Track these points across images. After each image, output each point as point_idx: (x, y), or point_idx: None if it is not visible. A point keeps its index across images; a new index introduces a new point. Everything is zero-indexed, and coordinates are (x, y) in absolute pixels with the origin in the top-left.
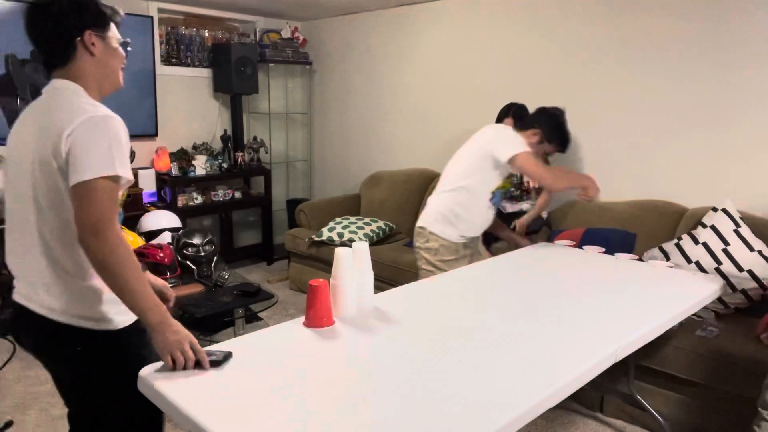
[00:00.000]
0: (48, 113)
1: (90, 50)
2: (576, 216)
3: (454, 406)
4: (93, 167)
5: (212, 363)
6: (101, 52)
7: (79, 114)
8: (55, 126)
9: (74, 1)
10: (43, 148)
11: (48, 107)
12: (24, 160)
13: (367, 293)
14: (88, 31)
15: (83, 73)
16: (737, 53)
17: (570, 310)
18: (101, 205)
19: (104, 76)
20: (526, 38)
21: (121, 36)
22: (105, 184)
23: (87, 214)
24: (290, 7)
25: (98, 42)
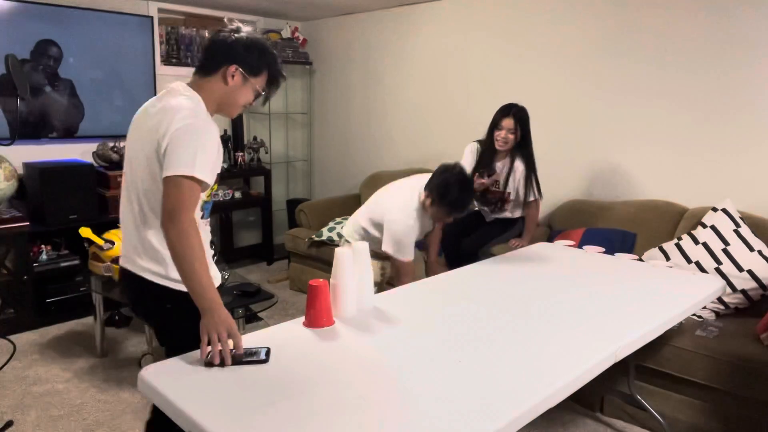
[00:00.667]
0: (165, 111)
1: (226, 79)
2: (576, 216)
3: (454, 406)
4: (178, 166)
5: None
6: (234, 86)
7: (184, 119)
8: (161, 125)
9: (251, 41)
10: (151, 142)
11: (167, 106)
12: (138, 148)
13: (367, 293)
14: (236, 66)
15: (212, 90)
16: (738, 53)
17: (570, 310)
18: (179, 197)
19: (224, 103)
20: (526, 38)
21: None
22: (184, 182)
23: (167, 203)
24: (290, 7)
25: (238, 78)
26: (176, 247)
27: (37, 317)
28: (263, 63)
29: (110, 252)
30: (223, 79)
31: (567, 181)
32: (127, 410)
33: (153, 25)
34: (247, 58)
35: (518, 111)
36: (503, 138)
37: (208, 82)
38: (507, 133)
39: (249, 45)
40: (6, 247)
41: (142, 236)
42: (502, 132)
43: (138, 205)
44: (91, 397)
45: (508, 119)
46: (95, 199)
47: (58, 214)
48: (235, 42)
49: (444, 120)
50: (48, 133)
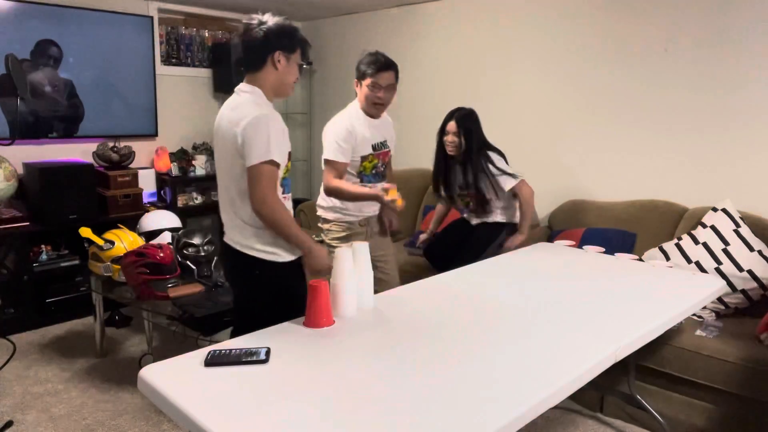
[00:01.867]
0: (235, 109)
1: (275, 65)
2: (576, 216)
3: (454, 406)
4: (257, 155)
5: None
6: (283, 68)
7: (250, 113)
8: (234, 121)
9: (279, 27)
10: (230, 136)
11: (235, 105)
12: (222, 143)
13: (367, 293)
14: (278, 52)
15: (266, 80)
16: (738, 53)
17: (570, 310)
18: (264, 184)
19: (279, 86)
20: (526, 38)
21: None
22: (265, 168)
23: (255, 192)
24: (290, 7)
25: (283, 60)
26: (272, 222)
27: (37, 317)
28: (295, 40)
29: (110, 252)
30: (273, 66)
31: (567, 181)
32: (127, 410)
33: (153, 25)
34: (283, 42)
35: (460, 114)
36: (450, 142)
37: (261, 74)
38: (452, 137)
39: (280, 30)
40: (6, 247)
41: (234, 216)
42: (448, 136)
43: (226, 191)
44: (91, 397)
45: (451, 123)
46: (95, 199)
47: (58, 214)
48: (268, 32)
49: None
50: (48, 133)
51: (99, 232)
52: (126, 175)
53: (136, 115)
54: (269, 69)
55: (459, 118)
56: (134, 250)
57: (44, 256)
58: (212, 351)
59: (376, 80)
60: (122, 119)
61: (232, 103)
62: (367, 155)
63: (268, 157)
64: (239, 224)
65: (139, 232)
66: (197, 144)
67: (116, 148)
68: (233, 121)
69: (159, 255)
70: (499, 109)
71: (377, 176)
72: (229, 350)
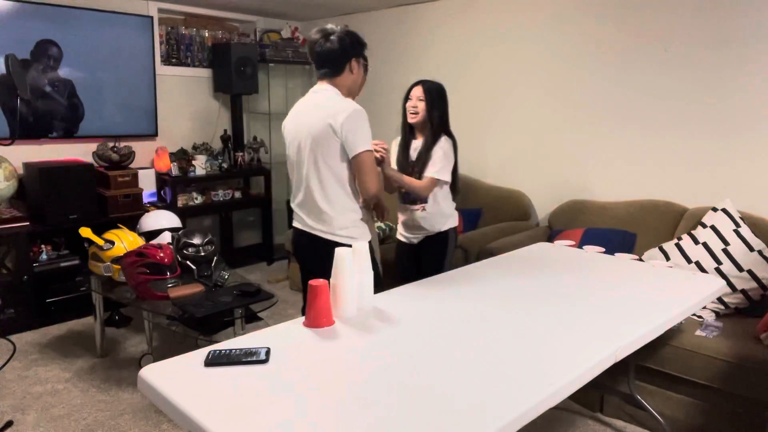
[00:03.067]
0: (324, 105)
1: (351, 70)
2: (576, 216)
3: (454, 406)
4: (361, 145)
5: (254, 361)
6: (357, 72)
7: (347, 106)
8: (329, 114)
9: (351, 36)
10: (321, 129)
11: (322, 100)
12: (302, 137)
13: (367, 293)
14: (353, 58)
15: (343, 84)
16: (738, 53)
17: (570, 310)
18: (370, 171)
19: (353, 87)
20: (526, 38)
21: None
22: (368, 155)
23: (364, 180)
24: (290, 7)
25: (356, 65)
26: (377, 197)
27: (37, 317)
28: (363, 45)
29: (110, 252)
30: (349, 71)
31: (567, 181)
32: (127, 410)
33: (153, 25)
34: (357, 49)
35: (429, 83)
36: (413, 107)
37: (338, 78)
38: (416, 101)
39: (353, 39)
40: (6, 247)
41: (314, 203)
42: (411, 101)
43: (306, 181)
44: (91, 397)
45: (417, 87)
46: (95, 199)
47: (58, 214)
48: (344, 42)
49: None
50: (48, 133)
51: (99, 232)
52: (126, 175)
53: (136, 115)
54: (346, 74)
55: (427, 86)
56: (134, 250)
57: (44, 256)
58: (212, 351)
59: None
60: (122, 119)
61: (316, 100)
62: None
63: (369, 146)
64: (318, 212)
65: (139, 232)
66: (197, 144)
67: (116, 148)
68: (328, 114)
69: (159, 255)
70: (498, 109)
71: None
72: (229, 350)
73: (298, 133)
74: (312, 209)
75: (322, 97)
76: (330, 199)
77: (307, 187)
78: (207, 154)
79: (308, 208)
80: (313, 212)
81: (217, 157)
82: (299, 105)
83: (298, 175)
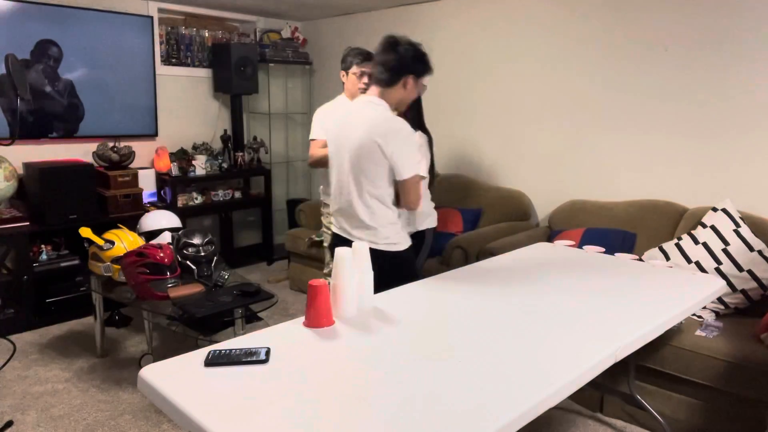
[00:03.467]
0: (370, 123)
1: (404, 86)
2: (576, 216)
3: (454, 406)
4: (410, 169)
5: (254, 361)
6: (410, 89)
7: (396, 129)
8: (376, 131)
9: (415, 52)
10: (367, 143)
11: (366, 115)
12: (347, 146)
13: (367, 293)
14: (412, 76)
15: (393, 97)
16: (737, 53)
17: (570, 310)
18: (415, 193)
19: (401, 102)
20: (526, 38)
21: None
22: (416, 179)
23: (409, 200)
24: (290, 7)
25: (411, 83)
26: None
27: (37, 317)
28: (427, 68)
29: (110, 252)
30: (403, 86)
31: (567, 181)
32: (127, 410)
33: (153, 25)
34: (417, 68)
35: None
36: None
37: (391, 91)
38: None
39: (417, 56)
40: (6, 247)
41: (355, 214)
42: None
43: (347, 192)
44: (91, 397)
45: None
46: (95, 199)
47: (58, 214)
48: (405, 57)
49: (444, 119)
50: (48, 133)
51: (99, 232)
52: (126, 175)
53: (136, 115)
54: (398, 88)
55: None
56: (134, 250)
57: (44, 256)
58: (212, 351)
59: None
60: (122, 119)
61: (366, 113)
62: None
63: (418, 171)
64: (358, 221)
65: (139, 232)
66: (197, 144)
67: (116, 148)
68: (377, 133)
69: (159, 255)
70: (498, 110)
71: None
72: (229, 350)
73: (343, 141)
74: (352, 218)
75: (372, 112)
76: (372, 213)
77: (348, 199)
78: (207, 154)
79: (348, 216)
80: (353, 221)
81: (217, 157)
82: (347, 110)
83: (338, 181)
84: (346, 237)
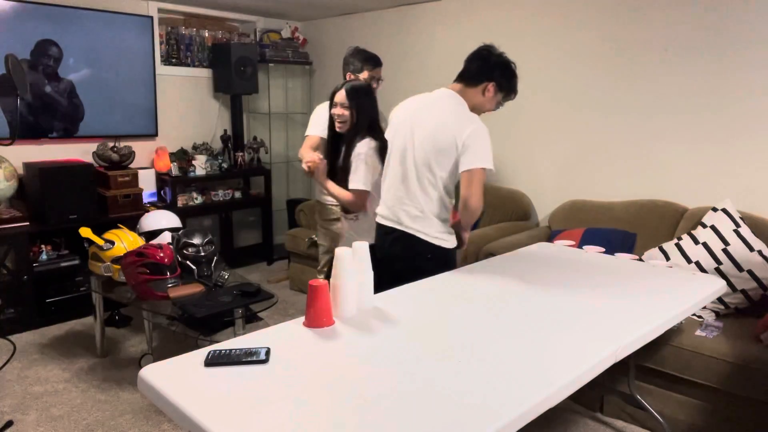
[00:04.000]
0: (445, 113)
1: (484, 92)
2: (576, 216)
3: (454, 406)
4: (479, 161)
5: (254, 361)
6: (489, 98)
7: (471, 123)
8: (453, 124)
9: (505, 65)
10: (439, 136)
11: (443, 108)
12: (418, 134)
13: (367, 293)
14: (493, 83)
15: (471, 98)
16: (737, 53)
17: (570, 310)
18: (478, 187)
19: (477, 108)
20: (527, 38)
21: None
22: (481, 172)
23: (471, 193)
24: (290, 7)
25: (491, 92)
26: (473, 216)
27: (37, 317)
28: (511, 85)
29: (110, 252)
30: (482, 92)
31: (567, 181)
32: (127, 410)
33: (153, 25)
34: (502, 79)
35: (352, 86)
36: (339, 115)
37: (470, 91)
38: (341, 108)
39: (505, 68)
40: (6, 247)
41: (419, 203)
42: (336, 108)
43: (407, 181)
44: (91, 397)
45: (341, 92)
46: (95, 199)
47: (58, 214)
48: (495, 64)
49: None
50: (48, 133)
51: (99, 232)
52: (126, 175)
53: (136, 115)
54: (477, 91)
55: (350, 89)
56: (134, 250)
57: (44, 256)
58: (212, 351)
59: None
60: (122, 119)
61: (444, 106)
62: None
63: (486, 165)
64: (421, 213)
65: (139, 232)
66: (197, 144)
67: (116, 148)
68: (455, 127)
69: (159, 255)
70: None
71: None
72: (229, 350)
73: (414, 129)
74: (410, 210)
75: (449, 105)
76: (432, 204)
77: (408, 188)
78: (207, 154)
79: (405, 206)
80: (411, 213)
81: (217, 157)
82: (421, 102)
83: (402, 171)
84: (396, 227)
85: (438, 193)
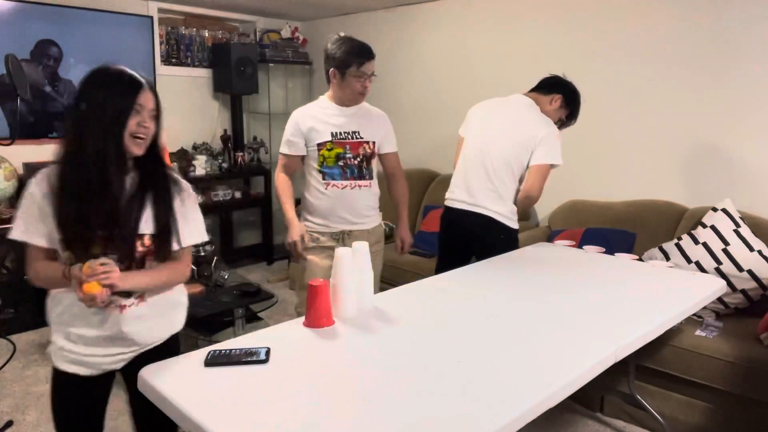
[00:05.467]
0: (524, 112)
1: (551, 103)
2: (576, 216)
3: (454, 406)
4: (551, 158)
5: (254, 361)
6: (554, 110)
7: (547, 125)
8: (532, 122)
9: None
10: (518, 134)
11: (521, 108)
12: (492, 131)
13: (367, 293)
14: (561, 96)
15: (543, 104)
16: (738, 52)
17: (570, 311)
18: (542, 181)
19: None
20: (526, 37)
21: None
22: (548, 169)
23: (534, 183)
24: (290, 7)
25: (559, 103)
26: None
27: (37, 317)
28: (576, 104)
29: None
30: (550, 101)
31: (567, 181)
32: (127, 410)
33: (153, 25)
34: (569, 96)
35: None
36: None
37: (543, 99)
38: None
39: (573, 90)
40: (6, 247)
41: (497, 188)
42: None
43: (506, 168)
44: None
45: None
46: None
47: None
48: (567, 83)
49: (444, 119)
50: (48, 133)
51: None
52: None
53: None
54: (547, 100)
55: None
56: None
57: None
58: (212, 351)
59: (365, 70)
60: None
61: (526, 107)
62: (324, 142)
63: (556, 161)
64: (491, 196)
65: None
66: (197, 144)
67: None
68: (536, 126)
69: None
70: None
71: (349, 169)
72: (229, 350)
73: (492, 124)
74: (490, 194)
75: (528, 108)
76: (507, 190)
77: (489, 176)
78: (207, 154)
79: (486, 192)
80: (491, 197)
81: (217, 157)
82: (500, 103)
83: (482, 161)
84: (474, 210)
85: (513, 182)
